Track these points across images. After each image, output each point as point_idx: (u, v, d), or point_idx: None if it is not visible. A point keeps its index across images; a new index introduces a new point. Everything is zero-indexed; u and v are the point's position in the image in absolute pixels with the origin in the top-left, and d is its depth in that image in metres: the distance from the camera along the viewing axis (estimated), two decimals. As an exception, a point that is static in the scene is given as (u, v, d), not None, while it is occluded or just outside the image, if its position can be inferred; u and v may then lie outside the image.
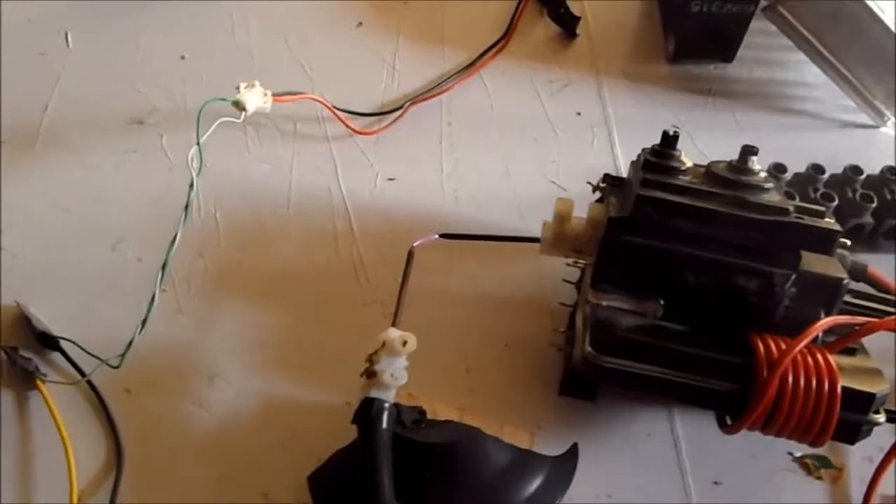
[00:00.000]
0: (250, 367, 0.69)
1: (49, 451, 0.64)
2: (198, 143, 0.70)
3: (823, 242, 0.58)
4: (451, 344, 0.71)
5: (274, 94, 0.78)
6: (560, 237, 0.66)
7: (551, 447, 0.62)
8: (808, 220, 0.58)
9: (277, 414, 0.67)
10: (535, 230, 0.68)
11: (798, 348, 0.54)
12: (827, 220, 0.60)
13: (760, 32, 0.90)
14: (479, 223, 0.79)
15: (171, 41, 0.91)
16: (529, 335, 0.71)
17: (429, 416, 0.62)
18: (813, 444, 0.56)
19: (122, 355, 0.66)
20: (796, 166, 0.76)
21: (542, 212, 0.69)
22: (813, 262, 0.58)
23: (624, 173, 0.81)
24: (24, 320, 0.70)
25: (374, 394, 0.57)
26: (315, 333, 0.71)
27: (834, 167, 0.76)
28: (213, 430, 0.66)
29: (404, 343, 0.58)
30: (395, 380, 0.58)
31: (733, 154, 0.63)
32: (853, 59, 0.85)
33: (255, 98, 0.75)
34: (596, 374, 0.58)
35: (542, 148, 0.85)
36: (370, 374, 0.58)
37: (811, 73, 0.90)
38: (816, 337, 0.56)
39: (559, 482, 0.60)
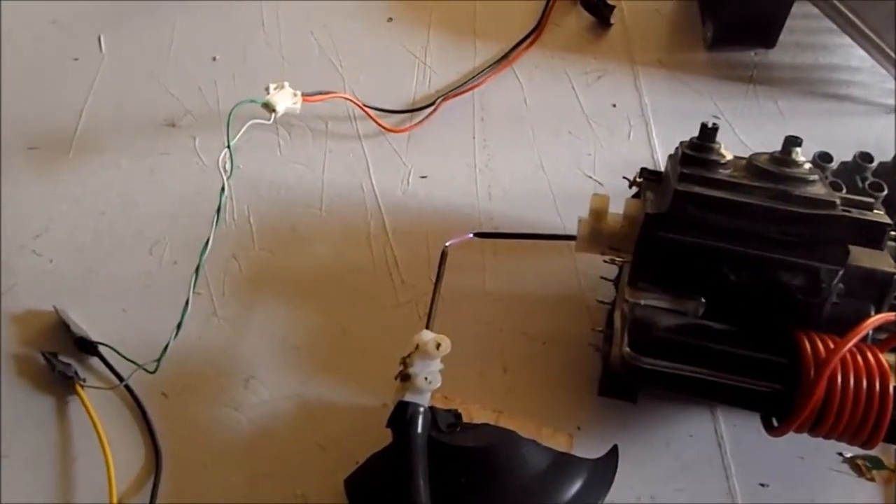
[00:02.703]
0: (285, 368, 0.69)
1: (88, 454, 0.65)
2: (228, 146, 0.70)
3: (872, 236, 0.56)
4: (487, 344, 0.70)
5: (304, 95, 0.77)
6: (596, 234, 0.64)
7: (591, 449, 0.61)
8: (855, 213, 0.56)
9: (313, 416, 0.67)
10: (571, 226, 0.67)
11: (847, 347, 0.52)
12: (876, 211, 0.58)
13: (802, 16, 0.87)
14: (513, 219, 0.77)
15: (203, 43, 0.91)
16: (567, 334, 0.70)
17: (465, 419, 0.61)
18: (864, 446, 0.54)
19: (159, 360, 0.66)
20: (843, 154, 0.73)
21: (577, 206, 0.67)
22: (861, 257, 0.56)
23: (661, 166, 0.79)
24: (62, 325, 0.71)
25: (408, 397, 0.57)
26: (349, 335, 0.71)
27: (882, 154, 0.73)
28: (249, 433, 0.66)
29: (438, 346, 0.58)
30: (430, 383, 0.57)
31: (776, 143, 0.61)
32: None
33: (285, 99, 0.75)
34: (635, 375, 0.57)
35: (577, 141, 0.83)
36: (404, 377, 0.58)
37: (856, 56, 0.87)
38: (866, 335, 0.54)
39: (599, 485, 0.58)
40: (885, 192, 0.70)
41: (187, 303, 0.66)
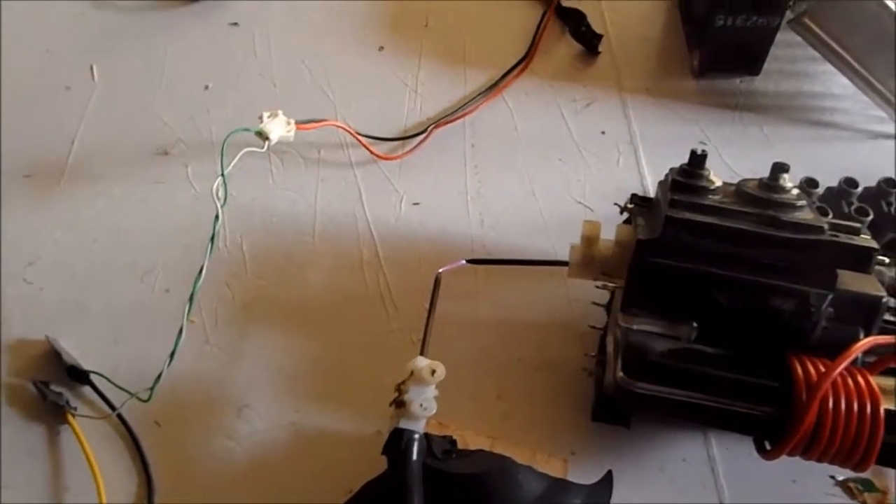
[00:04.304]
0: (279, 397, 0.69)
1: (80, 484, 0.65)
2: (222, 175, 0.70)
3: (860, 260, 0.57)
4: (481, 370, 0.70)
5: (297, 122, 0.78)
6: (588, 260, 0.64)
7: (586, 474, 0.61)
8: (843, 238, 0.57)
9: (308, 444, 0.66)
10: (563, 251, 0.68)
11: (838, 370, 0.53)
12: (863, 236, 0.58)
13: (786, 44, 0.88)
14: (505, 246, 0.78)
15: (195, 71, 0.92)
16: (560, 360, 0.70)
17: (459, 446, 0.61)
18: (856, 468, 0.54)
19: (152, 388, 0.65)
20: (828, 180, 0.75)
21: (569, 232, 0.68)
22: (850, 281, 0.56)
23: (651, 192, 0.80)
24: (53, 354, 0.70)
25: (403, 424, 0.57)
26: (343, 362, 0.71)
27: (867, 180, 0.75)
28: (243, 462, 0.66)
29: (433, 372, 0.58)
30: (425, 410, 0.57)
31: (762, 168, 0.62)
32: (881, 69, 0.83)
33: (279, 127, 0.76)
34: (629, 400, 0.57)
35: (568, 168, 0.84)
36: (399, 403, 0.58)
37: (839, 83, 0.89)
38: (856, 358, 0.54)
39: (594, 511, 0.59)
40: (871, 217, 0.71)
41: (181, 330, 0.66)
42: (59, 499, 0.64)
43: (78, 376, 0.69)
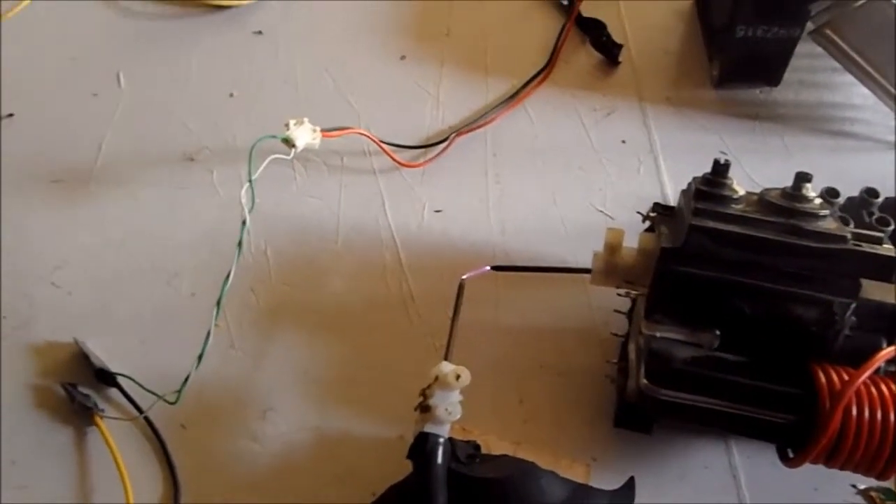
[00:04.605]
0: (303, 400, 0.70)
1: (107, 486, 0.66)
2: (250, 181, 0.71)
3: (883, 269, 0.57)
4: (504, 376, 0.71)
5: (323, 130, 0.79)
6: (611, 268, 0.65)
7: (607, 480, 0.61)
8: (866, 247, 0.57)
9: (332, 448, 0.67)
10: (583, 259, 0.68)
11: (861, 379, 0.53)
12: (885, 246, 0.59)
13: (806, 55, 0.89)
14: (526, 253, 0.78)
15: (220, 79, 0.93)
16: (582, 366, 0.71)
17: (483, 450, 0.62)
18: (879, 477, 0.54)
19: (179, 391, 0.66)
20: (848, 189, 0.75)
21: (589, 240, 0.68)
22: (873, 290, 0.57)
23: (671, 200, 0.81)
24: (82, 357, 0.72)
25: (428, 429, 0.57)
26: (367, 367, 0.72)
27: (887, 190, 0.75)
28: (267, 465, 0.67)
29: (457, 377, 0.58)
30: (450, 414, 0.58)
31: (783, 178, 0.62)
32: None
33: (305, 134, 0.76)
34: (652, 406, 0.57)
35: (588, 177, 0.84)
36: (424, 408, 0.58)
37: (859, 94, 0.89)
38: (879, 367, 0.55)
39: (617, 517, 0.59)
40: (892, 227, 0.71)
41: (209, 334, 0.67)
42: (86, 499, 0.65)
43: (106, 378, 0.70)
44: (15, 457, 0.67)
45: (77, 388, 0.70)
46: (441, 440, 0.57)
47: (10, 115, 0.89)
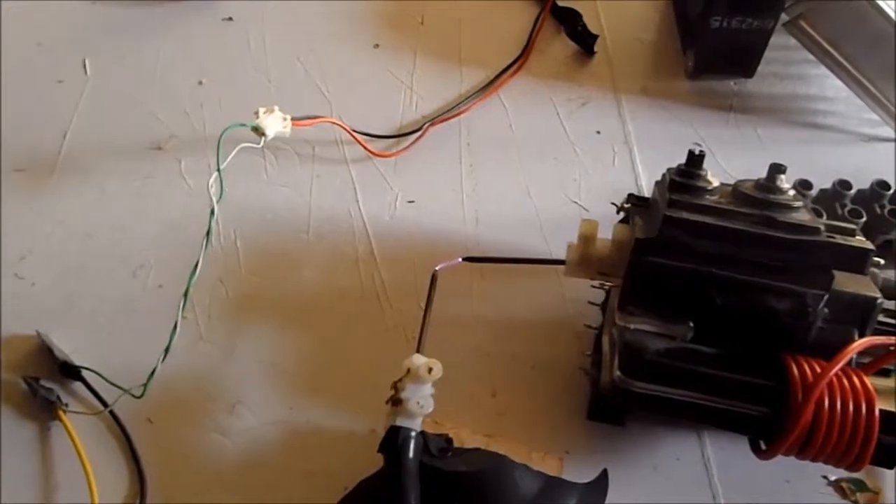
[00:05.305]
0: (273, 394, 0.68)
1: (72, 481, 0.64)
2: (218, 170, 0.70)
3: (856, 261, 0.57)
4: (477, 368, 0.70)
5: (293, 119, 0.78)
6: (586, 259, 0.65)
7: (580, 473, 0.61)
8: (839, 239, 0.57)
9: (301, 442, 0.66)
10: (558, 250, 0.68)
11: (833, 371, 0.53)
12: (858, 237, 0.59)
13: (780, 47, 0.89)
14: (500, 244, 0.78)
15: (189, 66, 0.91)
16: (555, 358, 0.70)
17: (455, 444, 0.61)
18: (850, 468, 0.54)
19: (145, 385, 0.65)
20: (821, 182, 0.75)
21: (564, 231, 0.68)
22: (845, 282, 0.57)
23: (646, 192, 0.80)
24: (45, 350, 0.70)
25: (400, 422, 0.57)
26: (338, 359, 0.71)
27: (860, 182, 0.75)
28: (236, 459, 0.65)
29: (430, 370, 0.58)
30: (422, 408, 0.57)
31: (756, 169, 0.62)
32: (875, 72, 0.84)
33: (275, 123, 0.75)
34: (626, 399, 0.57)
35: (563, 167, 0.84)
36: (396, 401, 0.58)
37: (832, 86, 0.90)
38: (851, 359, 0.55)
39: (590, 509, 0.59)
40: (864, 219, 0.71)
41: (175, 326, 0.65)
42: (50, 497, 0.64)
43: (70, 372, 0.68)
44: (-24, 452, 0.66)
45: (40, 381, 0.68)
46: (413, 434, 0.56)
47: (-27, 102, 0.87)
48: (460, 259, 0.70)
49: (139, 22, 0.95)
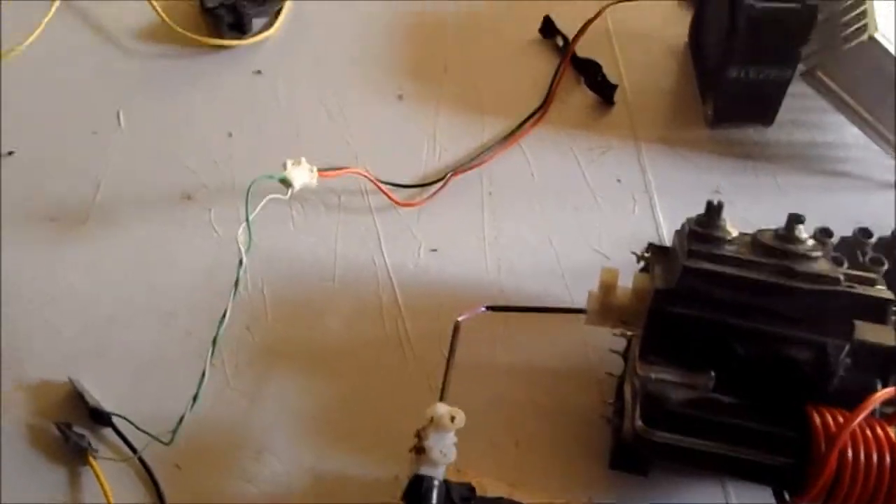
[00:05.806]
0: (299, 441, 0.69)
1: (100, 527, 0.65)
2: (247, 221, 0.71)
3: (877, 311, 0.58)
4: (499, 417, 0.70)
5: (320, 170, 0.80)
6: (606, 308, 0.65)
7: (603, 523, 0.61)
8: (859, 289, 0.58)
9: (327, 489, 0.67)
10: (580, 298, 0.68)
11: (856, 421, 0.53)
12: (879, 287, 0.59)
13: (798, 95, 0.90)
14: (522, 292, 0.79)
15: (219, 118, 0.94)
16: (578, 407, 0.70)
17: (478, 492, 0.61)
18: (875, 520, 0.54)
19: (174, 431, 0.66)
20: (841, 229, 0.75)
21: (586, 279, 0.68)
22: (867, 331, 0.57)
23: (666, 240, 0.81)
24: (77, 396, 0.71)
25: (423, 471, 0.57)
26: (362, 407, 0.71)
27: (880, 229, 0.75)
28: (262, 506, 0.66)
29: (452, 419, 0.58)
30: (445, 456, 0.57)
31: (776, 217, 0.62)
32: (892, 119, 0.84)
33: (302, 174, 0.77)
34: (648, 448, 0.57)
35: (584, 216, 0.85)
36: (419, 450, 0.58)
37: (851, 133, 0.90)
38: (874, 409, 0.55)
39: (613, 560, 0.59)
40: (886, 267, 0.71)
41: (204, 373, 0.67)
42: (79, 541, 0.65)
43: (100, 418, 0.70)
44: (8, 497, 0.67)
45: (72, 427, 0.69)
46: (436, 483, 0.57)
47: (11, 152, 0.90)
48: (483, 308, 0.71)
49: (171, 75, 0.98)
